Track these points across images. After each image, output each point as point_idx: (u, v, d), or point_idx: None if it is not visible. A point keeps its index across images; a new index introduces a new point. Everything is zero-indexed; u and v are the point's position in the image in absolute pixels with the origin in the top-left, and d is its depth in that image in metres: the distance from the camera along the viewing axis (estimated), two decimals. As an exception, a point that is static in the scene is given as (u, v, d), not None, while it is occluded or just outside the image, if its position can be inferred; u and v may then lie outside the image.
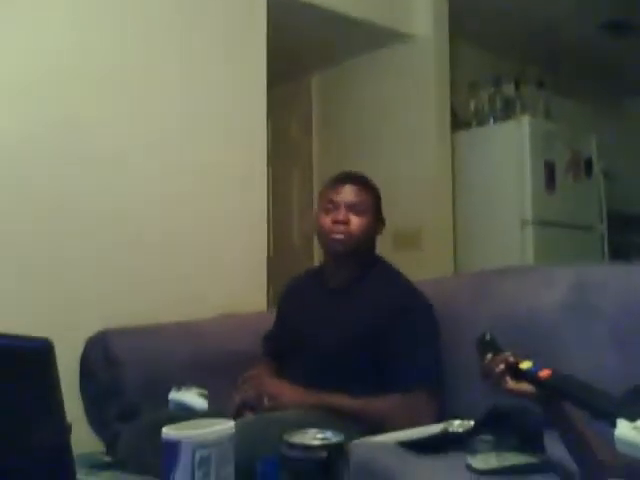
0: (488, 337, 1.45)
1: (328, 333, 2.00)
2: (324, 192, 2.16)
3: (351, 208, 2.05)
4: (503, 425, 1.47)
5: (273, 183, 4.29)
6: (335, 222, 2.04)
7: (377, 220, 2.14)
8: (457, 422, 1.61)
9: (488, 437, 1.47)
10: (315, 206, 4.53)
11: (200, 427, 0.99)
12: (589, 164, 4.44)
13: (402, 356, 1.89)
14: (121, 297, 2.67)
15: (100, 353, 2.27)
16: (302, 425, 1.04)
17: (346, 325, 1.98)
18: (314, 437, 0.99)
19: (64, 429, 0.97)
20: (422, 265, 3.88)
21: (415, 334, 1.93)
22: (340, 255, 2.07)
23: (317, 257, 4.05)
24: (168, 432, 0.98)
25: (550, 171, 4.16)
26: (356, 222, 2.04)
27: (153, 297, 2.73)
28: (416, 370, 1.88)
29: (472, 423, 1.58)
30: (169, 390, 1.97)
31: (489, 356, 1.41)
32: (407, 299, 1.99)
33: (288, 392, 1.92)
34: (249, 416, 1.87)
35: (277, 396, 1.91)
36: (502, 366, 1.37)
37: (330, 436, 0.99)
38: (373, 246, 2.15)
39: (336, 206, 2.06)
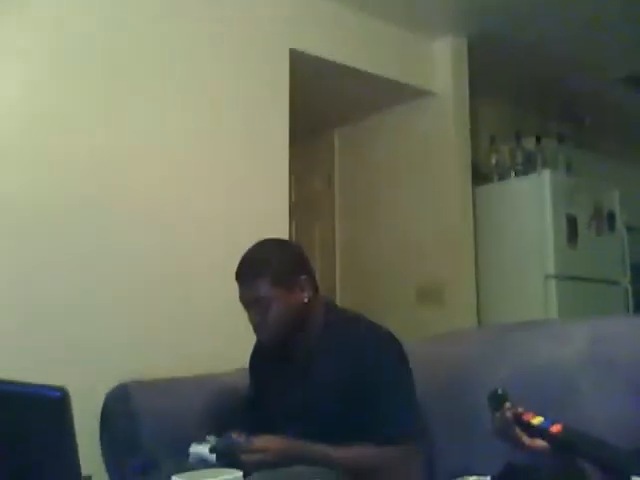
0: (500, 392, 1.45)
1: (296, 415, 1.93)
2: None
3: (255, 304, 1.93)
4: (518, 480, 1.46)
5: (296, 237, 4.34)
6: (253, 325, 1.97)
7: (291, 288, 1.94)
8: (472, 477, 1.59)
9: (503, 492, 1.46)
10: (337, 259, 4.61)
11: (208, 476, 1.01)
12: (612, 218, 4.43)
13: (383, 411, 1.83)
14: (138, 348, 2.71)
15: (120, 407, 2.29)
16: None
17: (312, 404, 1.91)
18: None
19: (77, 477, 0.99)
20: (445, 320, 3.88)
21: (389, 388, 1.86)
22: (279, 346, 2.00)
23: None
24: (177, 480, 1.00)
25: (572, 225, 4.16)
26: (268, 316, 1.92)
27: (171, 349, 2.77)
28: (398, 422, 1.83)
29: (488, 479, 1.57)
30: (188, 443, 1.97)
31: (500, 414, 1.41)
32: (371, 358, 1.88)
33: (275, 443, 1.82)
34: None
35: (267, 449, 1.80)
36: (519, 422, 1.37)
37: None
38: (310, 309, 1.98)
39: (245, 307, 1.97)
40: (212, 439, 1.86)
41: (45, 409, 0.96)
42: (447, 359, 2.16)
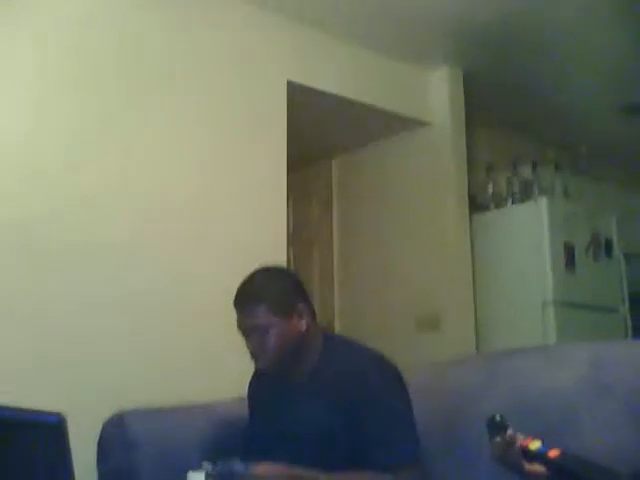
0: (498, 418, 1.45)
1: (295, 436, 1.92)
2: None
3: (254, 331, 1.92)
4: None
5: (294, 264, 4.35)
6: (251, 352, 1.95)
7: (289, 315, 1.94)
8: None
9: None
10: (335, 286, 4.61)
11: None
12: (609, 244, 4.44)
13: (384, 439, 1.82)
14: (137, 376, 2.72)
15: (117, 436, 2.28)
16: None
17: (311, 424, 1.90)
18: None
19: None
20: (444, 347, 3.86)
21: (391, 413, 1.86)
22: (278, 373, 2.00)
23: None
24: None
25: (570, 252, 4.16)
26: (266, 343, 1.91)
27: (170, 377, 2.77)
28: (398, 451, 1.82)
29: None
30: (186, 472, 1.96)
31: (499, 439, 1.41)
32: (372, 380, 1.87)
33: (273, 470, 1.77)
34: None
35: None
36: (517, 447, 1.37)
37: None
38: (308, 336, 1.97)
39: (243, 334, 1.95)
40: (208, 466, 1.86)
41: (42, 434, 0.97)
42: (444, 387, 2.16)
